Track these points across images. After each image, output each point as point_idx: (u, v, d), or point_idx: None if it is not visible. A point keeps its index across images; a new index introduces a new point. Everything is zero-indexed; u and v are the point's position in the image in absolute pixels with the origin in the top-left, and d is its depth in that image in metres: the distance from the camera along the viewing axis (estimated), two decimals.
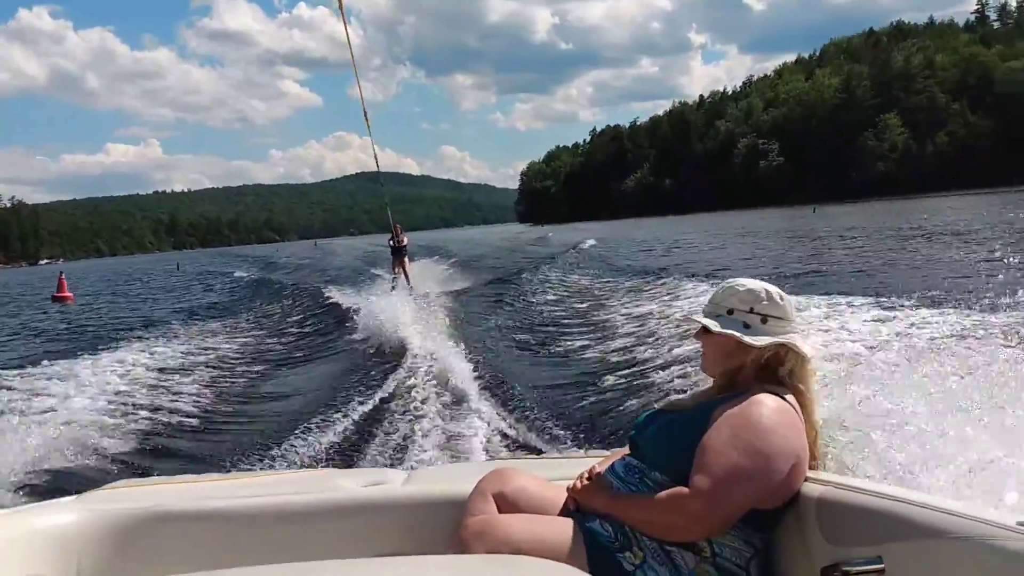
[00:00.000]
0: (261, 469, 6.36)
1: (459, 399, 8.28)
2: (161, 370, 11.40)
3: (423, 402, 8.26)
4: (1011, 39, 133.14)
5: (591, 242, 42.33)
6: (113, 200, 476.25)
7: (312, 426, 7.68)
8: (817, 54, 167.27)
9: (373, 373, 10.05)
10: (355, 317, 15.44)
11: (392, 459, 6.57)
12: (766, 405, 2.28)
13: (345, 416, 7.99)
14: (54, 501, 2.86)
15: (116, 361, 11.92)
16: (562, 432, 6.97)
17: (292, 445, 7.09)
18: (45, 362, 11.94)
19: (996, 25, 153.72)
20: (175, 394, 9.89)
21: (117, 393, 9.55)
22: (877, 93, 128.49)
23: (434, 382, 9.06)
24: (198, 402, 9.63)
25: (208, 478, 3.23)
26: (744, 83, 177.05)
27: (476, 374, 9.42)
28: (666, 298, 14.21)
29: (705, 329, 2.46)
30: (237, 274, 41.62)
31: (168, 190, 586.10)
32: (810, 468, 2.39)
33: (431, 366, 9.83)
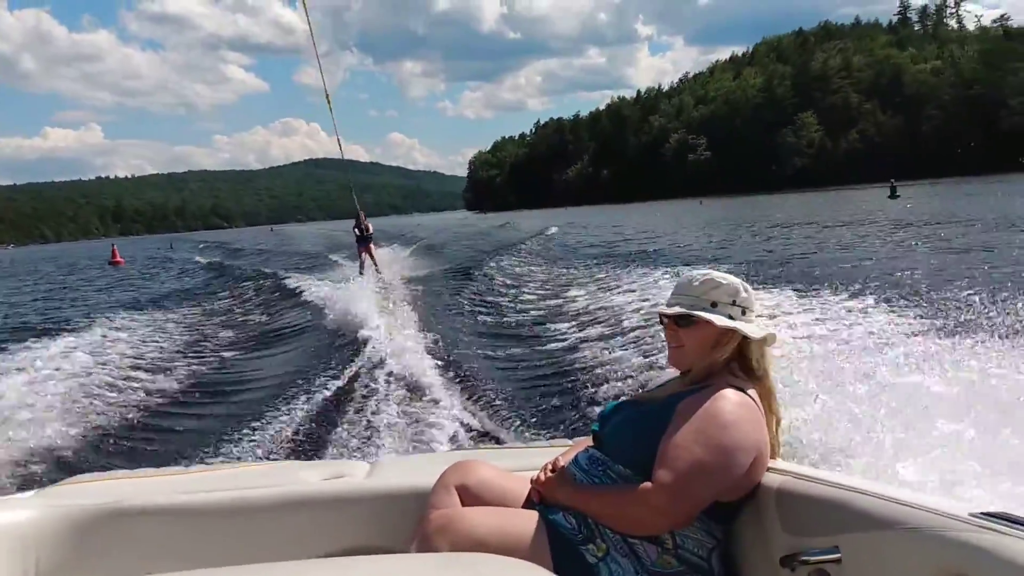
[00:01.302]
0: (222, 462, 6.25)
1: (422, 388, 8.24)
2: (120, 361, 11.19)
3: (386, 392, 8.20)
4: (922, 43, 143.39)
5: (554, 229, 42.68)
6: (55, 186, 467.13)
7: (274, 417, 7.62)
8: (750, 52, 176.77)
9: (335, 362, 9.93)
10: (317, 305, 15.63)
11: (355, 450, 6.51)
12: (729, 400, 2.31)
13: (307, 406, 7.92)
14: (10, 497, 2.88)
15: (73, 351, 11.61)
16: (526, 422, 6.96)
17: (254, 437, 7.02)
18: (2, 346, 12.08)
19: (917, 27, 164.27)
20: (134, 386, 9.73)
21: (74, 385, 9.32)
22: (796, 93, 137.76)
23: (397, 371, 8.98)
24: (158, 393, 9.50)
25: (168, 472, 3.17)
26: (680, 80, 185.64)
27: (440, 363, 9.42)
28: (630, 287, 14.23)
29: (681, 321, 2.46)
30: (197, 259, 41.75)
31: (111, 175, 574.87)
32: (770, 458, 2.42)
33: (394, 355, 9.74)
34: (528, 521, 2.35)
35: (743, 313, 2.45)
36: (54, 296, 27.67)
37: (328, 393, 8.38)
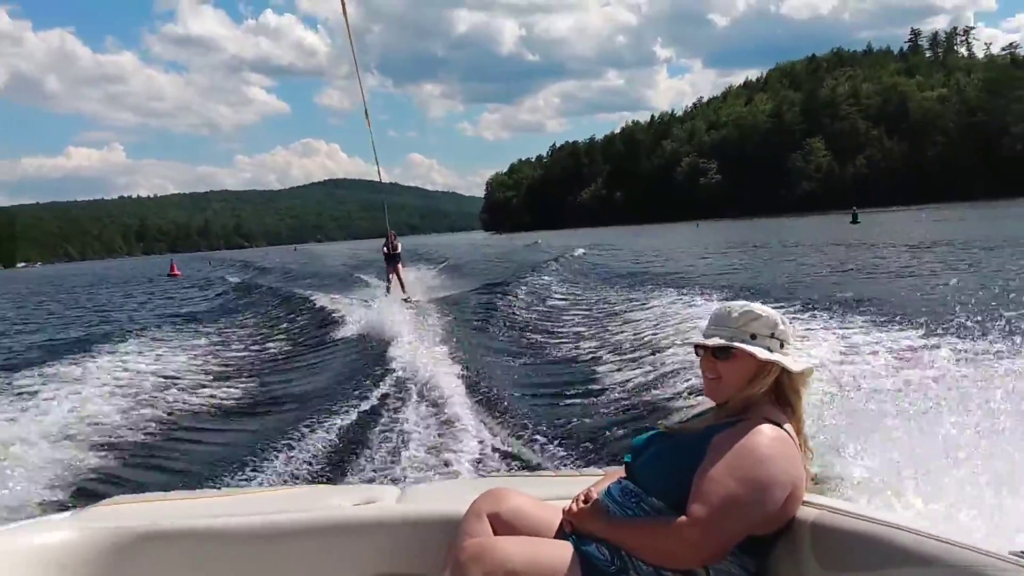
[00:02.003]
0: (254, 485, 6.37)
1: (452, 412, 8.19)
2: (154, 382, 11.27)
3: (415, 415, 8.21)
4: (931, 70, 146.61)
5: (580, 251, 42.30)
6: (79, 205, 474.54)
7: (303, 439, 7.65)
8: (764, 77, 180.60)
9: (366, 384, 9.92)
10: (348, 326, 15.61)
11: (385, 474, 6.53)
12: (764, 434, 2.28)
13: (337, 428, 7.96)
14: (50, 517, 2.92)
15: (110, 373, 11.76)
16: (555, 448, 6.93)
17: (284, 459, 7.10)
18: (32, 371, 12.12)
19: (928, 54, 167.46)
20: (168, 406, 9.83)
21: (110, 406, 9.46)
22: (805, 119, 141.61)
23: (426, 394, 9.01)
24: (191, 415, 9.60)
25: (203, 494, 3.24)
26: (693, 105, 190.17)
27: (469, 385, 9.40)
28: (665, 312, 13.93)
29: (719, 353, 2.44)
30: (230, 279, 41.42)
31: (133, 195, 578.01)
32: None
33: (423, 377, 9.78)
34: (561, 551, 2.35)
35: (781, 346, 2.43)
36: (91, 315, 27.91)
37: (357, 416, 8.41)
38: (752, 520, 2.25)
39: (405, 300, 20.83)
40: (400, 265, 23.59)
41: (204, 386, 11.24)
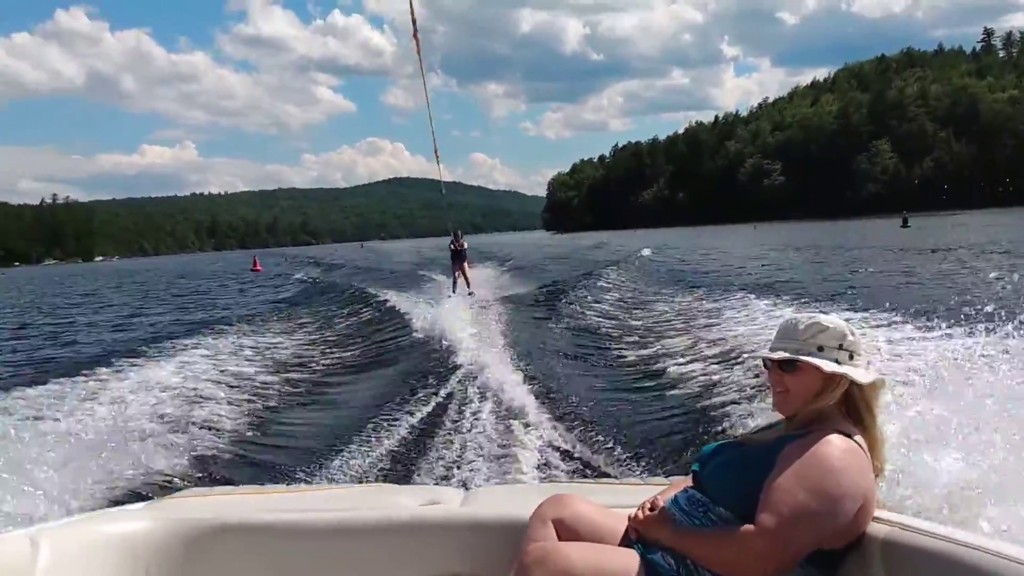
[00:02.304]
0: (321, 480, 6.50)
1: (515, 414, 8.15)
2: (225, 377, 11.38)
3: (479, 416, 8.17)
4: (1002, 71, 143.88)
5: (647, 251, 41.54)
6: (153, 201, 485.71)
7: (369, 437, 7.73)
8: (831, 77, 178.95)
9: (431, 384, 10.00)
10: (413, 325, 15.56)
11: (451, 475, 6.53)
12: (835, 446, 2.26)
13: (401, 428, 8.02)
14: (124, 508, 3.04)
15: (183, 367, 11.93)
16: (621, 455, 6.88)
17: (349, 456, 7.14)
18: (118, 363, 12.27)
19: (1001, 54, 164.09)
20: (237, 403, 9.89)
21: (182, 400, 9.58)
22: (872, 120, 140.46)
23: (490, 395, 8.99)
24: (259, 411, 9.66)
25: (271, 490, 3.39)
26: (758, 105, 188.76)
27: (534, 388, 9.36)
28: (735, 319, 13.53)
29: (786, 366, 2.42)
30: (301, 276, 41.34)
31: (205, 192, 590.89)
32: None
33: (489, 379, 9.73)
34: (626, 559, 2.35)
35: (851, 357, 2.40)
36: (191, 306, 29.08)
37: (423, 416, 8.47)
38: (821, 532, 2.23)
39: (470, 295, 21.56)
40: (466, 263, 23.87)
41: (272, 384, 11.27)
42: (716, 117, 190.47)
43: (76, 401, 9.30)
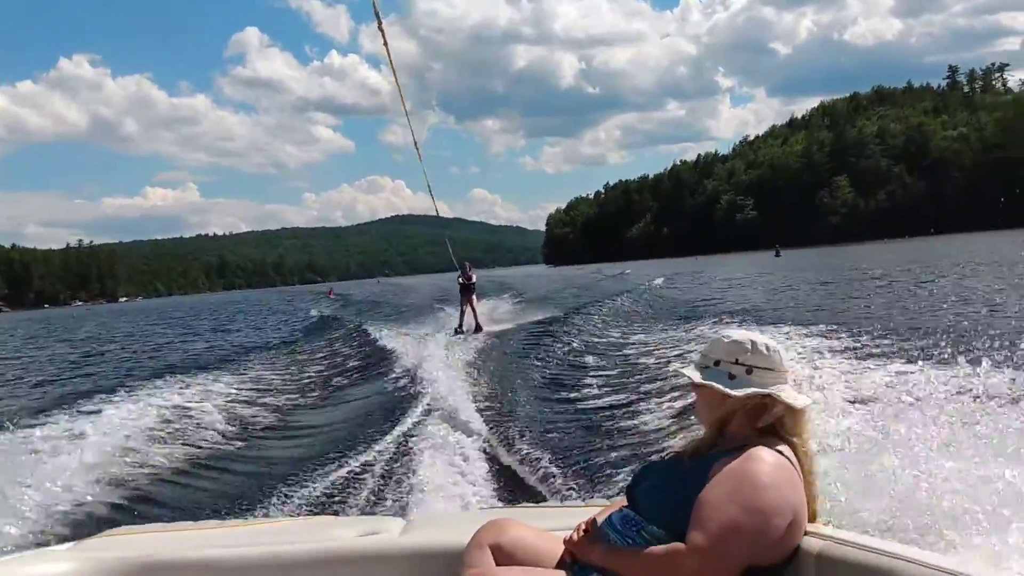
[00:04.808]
0: (259, 516, 6.33)
1: (460, 445, 8.16)
2: (158, 413, 11.09)
3: (424, 447, 8.11)
4: (956, 109, 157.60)
5: (659, 281, 42.58)
6: (160, 243, 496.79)
7: (310, 471, 7.67)
8: (808, 116, 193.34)
9: (377, 416, 10.00)
10: (381, 358, 15.61)
11: (391, 506, 6.51)
12: (763, 461, 2.27)
13: (345, 460, 7.94)
14: (48, 549, 2.97)
15: (114, 405, 11.57)
16: (562, 480, 6.95)
17: (292, 491, 7.07)
18: (59, 406, 12.07)
19: (967, 89, 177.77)
20: (173, 438, 9.71)
21: (112, 438, 9.21)
22: (833, 158, 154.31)
23: (436, 426, 8.96)
24: (196, 446, 9.49)
25: (205, 525, 3.20)
26: (735, 146, 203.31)
27: (484, 420, 9.38)
28: (680, 345, 13.98)
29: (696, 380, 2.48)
30: (313, 312, 41.12)
31: (209, 233, 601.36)
32: (808, 521, 2.37)
33: (443, 411, 9.71)
34: None
35: (748, 372, 2.41)
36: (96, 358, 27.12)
37: (366, 447, 8.39)
38: (752, 548, 2.22)
39: (477, 329, 21.63)
40: (474, 296, 23.27)
41: (210, 420, 11.10)
42: (698, 156, 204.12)
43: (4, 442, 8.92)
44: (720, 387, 2.41)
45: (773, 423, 2.41)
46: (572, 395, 11.53)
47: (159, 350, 27.61)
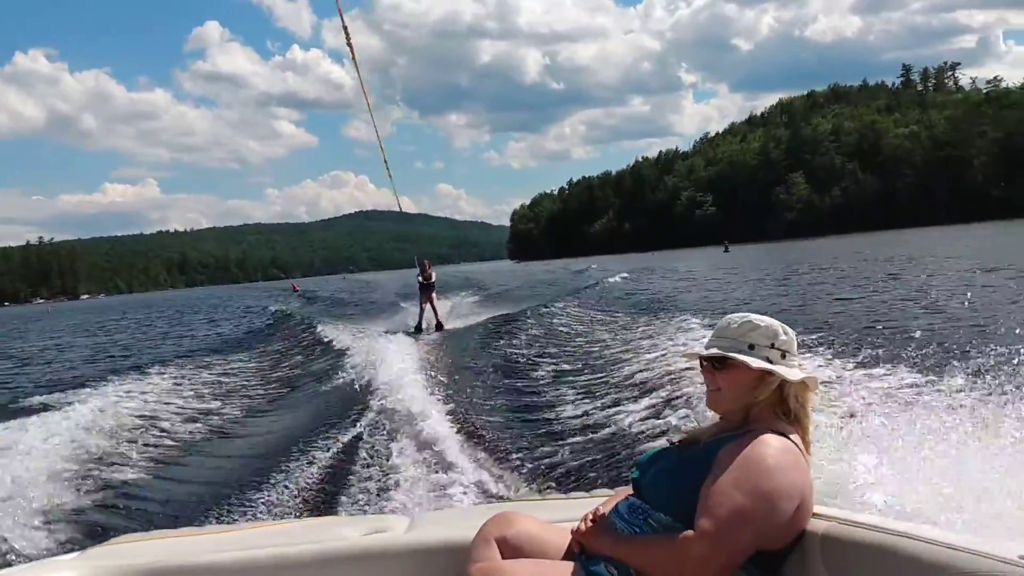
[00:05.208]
0: (263, 519, 6.33)
1: (464, 441, 8.18)
2: (163, 416, 11.19)
3: (427, 445, 8.10)
4: (909, 108, 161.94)
5: (616, 279, 41.82)
6: (120, 240, 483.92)
7: (315, 472, 7.67)
8: (766, 112, 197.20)
9: (377, 416, 9.81)
10: (363, 359, 15.03)
11: (396, 504, 6.50)
12: (771, 446, 2.27)
13: (348, 461, 7.94)
14: (54, 559, 2.91)
15: (115, 408, 11.48)
16: (566, 472, 6.93)
17: (295, 492, 7.08)
18: (43, 403, 12.10)
19: (920, 87, 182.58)
20: (177, 443, 9.76)
21: (115, 442, 9.32)
22: (788, 155, 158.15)
23: (438, 424, 8.89)
24: (200, 451, 9.51)
25: (209, 530, 3.27)
26: (696, 143, 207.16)
27: (482, 414, 9.46)
28: (672, 334, 14.02)
29: (717, 363, 2.45)
30: (273, 308, 40.10)
31: (169, 229, 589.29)
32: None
33: (434, 407, 9.70)
34: (569, 573, 2.35)
35: (783, 356, 2.42)
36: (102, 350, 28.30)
37: (370, 448, 8.38)
38: (760, 533, 2.23)
39: (438, 327, 21.54)
40: (434, 294, 23.13)
41: (213, 423, 11.12)
42: (659, 153, 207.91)
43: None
44: (783, 373, 2.39)
45: (791, 406, 2.44)
46: (564, 386, 11.50)
47: (155, 345, 27.91)
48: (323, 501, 6.92)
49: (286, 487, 7.30)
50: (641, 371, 10.99)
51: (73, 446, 8.96)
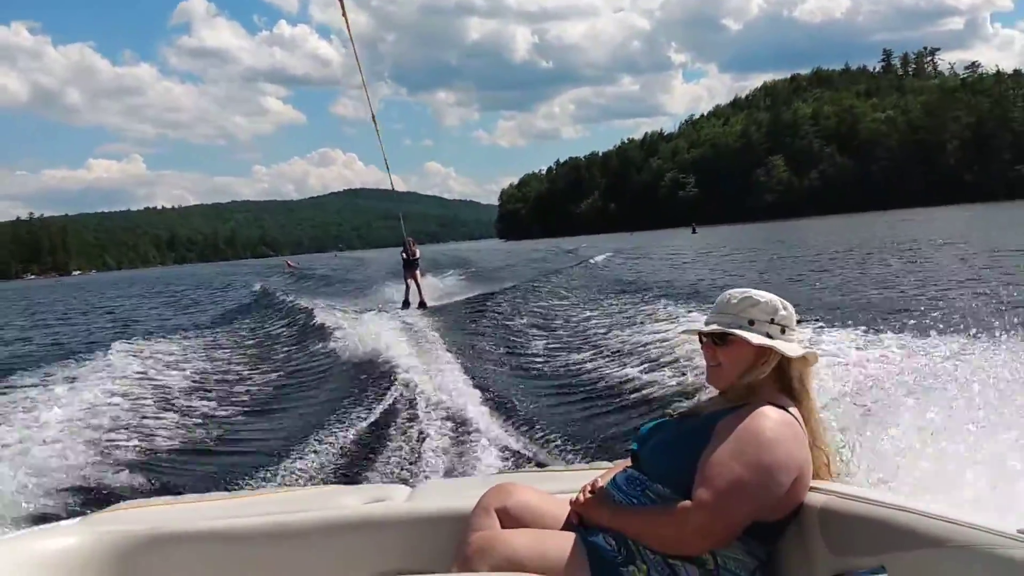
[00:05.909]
0: (265, 487, 6.30)
1: (462, 413, 8.18)
2: (163, 384, 11.29)
3: (426, 417, 8.16)
4: (887, 93, 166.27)
5: (601, 257, 42.86)
6: (107, 216, 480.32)
7: (317, 442, 7.64)
8: (751, 95, 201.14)
9: (377, 388, 9.89)
10: (359, 332, 15.05)
11: (397, 474, 6.51)
12: (769, 418, 2.28)
13: (349, 432, 7.92)
14: (57, 524, 2.91)
15: (120, 376, 11.69)
16: (566, 445, 6.97)
17: (297, 461, 7.08)
18: (45, 374, 12.33)
19: (900, 71, 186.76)
20: (177, 410, 9.76)
21: (117, 410, 9.36)
22: (769, 139, 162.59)
23: (437, 397, 8.97)
24: (200, 418, 9.50)
25: (211, 497, 3.21)
26: (681, 125, 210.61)
27: (480, 388, 9.46)
28: (666, 312, 13.98)
29: (718, 339, 2.45)
30: (257, 287, 40.23)
31: (156, 206, 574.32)
32: (819, 478, 2.39)
33: (434, 380, 9.84)
34: (568, 543, 2.34)
35: (782, 331, 2.43)
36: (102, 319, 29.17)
37: (370, 419, 8.41)
38: (758, 505, 2.24)
39: (422, 306, 21.42)
40: (418, 272, 23.20)
41: (213, 391, 11.21)
42: (644, 135, 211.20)
43: (2, 414, 8.99)
44: (783, 348, 2.40)
45: (791, 380, 2.45)
46: (561, 362, 11.67)
47: (157, 319, 28.37)
48: (325, 470, 6.95)
49: (288, 456, 7.39)
50: (642, 345, 11.15)
51: (80, 413, 9.15)
